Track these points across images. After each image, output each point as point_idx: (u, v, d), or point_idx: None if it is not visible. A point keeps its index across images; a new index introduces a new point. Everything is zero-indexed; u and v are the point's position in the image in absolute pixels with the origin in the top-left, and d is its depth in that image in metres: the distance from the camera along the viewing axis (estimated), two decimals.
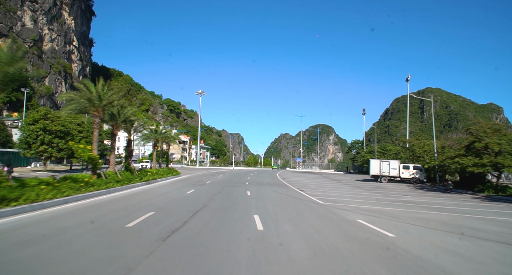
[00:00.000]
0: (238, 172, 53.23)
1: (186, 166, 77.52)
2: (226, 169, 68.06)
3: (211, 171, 51.43)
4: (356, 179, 40.38)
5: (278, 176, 41.65)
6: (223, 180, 28.29)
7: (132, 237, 6.56)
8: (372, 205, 14.11)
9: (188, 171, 47.27)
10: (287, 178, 36.79)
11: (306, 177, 42.54)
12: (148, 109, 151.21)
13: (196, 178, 29.87)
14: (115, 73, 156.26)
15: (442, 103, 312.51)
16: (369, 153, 51.68)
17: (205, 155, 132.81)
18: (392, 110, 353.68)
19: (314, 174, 54.87)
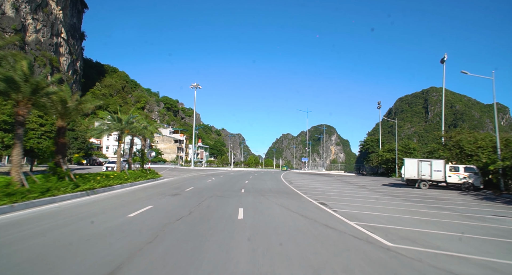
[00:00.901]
0: (236, 173, 45.97)
1: (180, 167, 70.28)
2: (222, 170, 60.82)
3: (204, 173, 44.21)
4: (380, 183, 33.18)
5: (283, 179, 34.45)
6: (211, 186, 21.07)
7: None
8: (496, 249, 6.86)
9: (177, 173, 40.03)
10: (294, 182, 29.66)
11: (317, 180, 35.29)
12: (144, 107, 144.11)
13: (177, 183, 22.62)
14: (110, 69, 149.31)
15: (447, 103, 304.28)
16: (388, 152, 44.34)
17: (203, 155, 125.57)
18: (396, 110, 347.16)
19: (323, 176, 47.68)
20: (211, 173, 45.60)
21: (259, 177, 37.85)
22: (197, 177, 31.77)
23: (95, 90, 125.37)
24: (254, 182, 27.57)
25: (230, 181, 28.13)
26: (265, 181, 29.15)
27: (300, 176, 45.33)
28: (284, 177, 38.94)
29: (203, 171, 51.76)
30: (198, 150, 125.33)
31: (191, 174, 39.90)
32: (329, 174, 56.07)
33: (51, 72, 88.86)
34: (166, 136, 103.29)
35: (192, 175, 35.45)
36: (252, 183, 26.00)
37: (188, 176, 34.06)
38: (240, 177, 36.29)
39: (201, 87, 71.67)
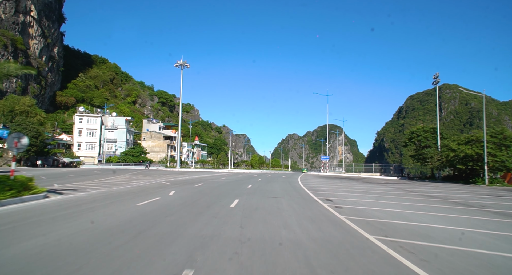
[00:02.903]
0: (229, 179, 30.30)
1: (163, 169, 54.94)
2: (214, 173, 45.09)
3: (180, 178, 28.81)
4: (498, 196, 17.40)
5: (306, 189, 18.63)
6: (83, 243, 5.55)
7: None
8: None
9: (129, 180, 24.73)
10: (339, 198, 13.86)
11: (369, 192, 19.46)
12: (136, 101, 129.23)
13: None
14: (98, 60, 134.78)
15: (461, 100, 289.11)
16: (467, 144, 28.16)
17: (199, 154, 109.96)
18: (407, 108, 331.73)
19: (359, 181, 31.81)
20: (191, 178, 30.06)
21: (264, 186, 22.01)
22: (145, 190, 16.38)
23: (78, 81, 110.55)
24: (252, 205, 11.87)
25: (196, 203, 12.43)
26: (279, 201, 13.30)
27: (330, 181, 29.54)
28: (305, 184, 23.26)
29: (184, 175, 36.17)
30: (194, 149, 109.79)
31: (153, 180, 24.44)
32: (360, 177, 40.02)
33: (13, 55, 74.05)
34: (154, 132, 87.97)
35: (142, 185, 19.99)
36: (246, 212, 10.35)
37: (131, 187, 18.69)
38: (231, 186, 20.62)
39: (189, 65, 56.51)
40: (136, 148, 72.01)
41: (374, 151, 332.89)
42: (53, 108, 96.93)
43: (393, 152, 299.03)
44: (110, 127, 73.81)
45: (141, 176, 31.56)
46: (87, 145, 70.34)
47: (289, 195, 15.62)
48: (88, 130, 71.05)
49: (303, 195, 15.59)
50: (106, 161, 67.15)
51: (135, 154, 69.47)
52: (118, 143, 73.90)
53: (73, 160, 60.90)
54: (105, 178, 26.18)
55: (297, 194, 15.98)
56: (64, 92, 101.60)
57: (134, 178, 27.87)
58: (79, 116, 71.38)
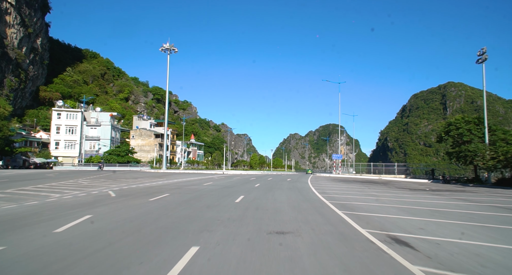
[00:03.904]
0: (217, 185, 22.58)
1: (147, 170, 47.33)
2: (206, 175, 37.46)
3: (150, 184, 21.45)
4: None
5: (334, 207, 10.89)
6: None
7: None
8: None
9: (77, 187, 17.21)
10: (419, 234, 6.24)
11: (445, 212, 11.80)
12: (128, 98, 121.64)
13: None
14: (89, 54, 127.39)
15: (466, 98, 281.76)
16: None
17: (196, 154, 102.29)
18: (411, 107, 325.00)
19: (390, 186, 24.17)
20: (166, 183, 22.57)
21: (263, 200, 14.29)
22: (37, 214, 8.63)
23: (65, 76, 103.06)
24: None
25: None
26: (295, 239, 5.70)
27: (370, 194, 21.95)
28: (349, 208, 15.65)
29: (163, 178, 28.68)
30: (190, 148, 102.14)
31: (99, 189, 16.97)
32: (380, 179, 32.30)
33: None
34: (144, 130, 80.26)
35: (65, 199, 12.28)
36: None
37: (37, 203, 10.91)
38: (210, 200, 13.09)
39: (176, 49, 48.81)
40: (121, 146, 64.34)
41: (377, 151, 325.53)
42: (36, 104, 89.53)
43: (397, 151, 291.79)
44: (93, 123, 66.23)
45: (99, 181, 23.94)
46: (66, 143, 62.67)
47: (311, 225, 7.83)
48: (68, 127, 63.43)
49: (339, 227, 7.76)
50: (86, 161, 59.57)
51: (121, 153, 61.84)
52: (102, 141, 66.25)
53: (47, 160, 53.30)
54: (42, 185, 18.58)
55: (325, 223, 8.17)
56: (49, 87, 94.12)
57: (84, 183, 20.22)
58: (57, 111, 63.70)
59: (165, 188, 17.69)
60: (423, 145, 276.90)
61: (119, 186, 18.57)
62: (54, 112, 63.59)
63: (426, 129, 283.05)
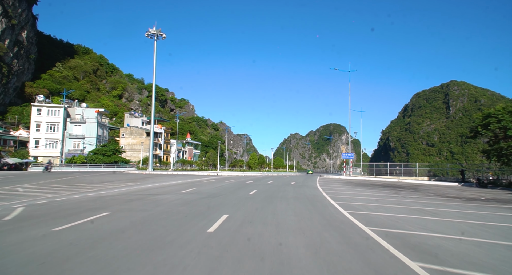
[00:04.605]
0: (200, 192, 17.20)
1: (130, 172, 41.89)
2: (196, 177, 32.10)
3: (110, 191, 15.98)
4: None
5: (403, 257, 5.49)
6: None
7: None
8: None
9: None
10: None
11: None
12: (122, 95, 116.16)
13: None
14: (81, 50, 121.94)
15: (470, 97, 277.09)
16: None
17: (191, 153, 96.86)
18: (413, 106, 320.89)
19: (429, 194, 18.80)
20: (135, 189, 17.46)
21: (258, 226, 8.81)
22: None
23: (54, 71, 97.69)
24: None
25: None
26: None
27: (420, 210, 16.59)
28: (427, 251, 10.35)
29: (138, 181, 23.38)
30: (185, 147, 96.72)
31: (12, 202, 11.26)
32: (418, 185, 26.93)
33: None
34: (136, 128, 74.74)
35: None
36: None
37: None
38: (162, 234, 7.38)
39: (164, 35, 43.35)
40: (108, 145, 58.82)
41: (379, 151, 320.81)
42: (22, 100, 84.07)
43: (399, 151, 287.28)
44: (77, 120, 60.73)
45: (46, 187, 18.56)
46: (46, 142, 57.20)
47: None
48: (49, 124, 57.93)
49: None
50: (68, 161, 54.07)
51: (107, 153, 56.39)
52: (87, 139, 60.78)
53: (23, 160, 47.88)
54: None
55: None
56: (36, 83, 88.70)
57: (18, 191, 14.83)
58: (37, 107, 58.15)
59: (118, 200, 12.26)
60: (425, 144, 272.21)
61: (58, 195, 13.15)
62: (34, 108, 58.03)
63: (428, 129, 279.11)
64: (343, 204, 12.09)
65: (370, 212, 10.32)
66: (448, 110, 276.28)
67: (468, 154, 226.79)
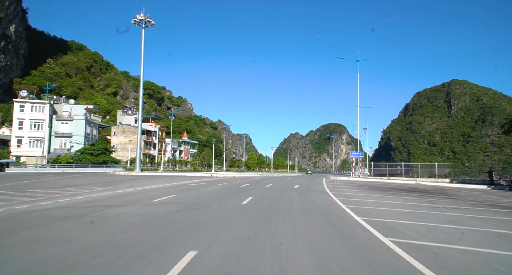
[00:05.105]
0: (161, 209, 13.57)
1: (116, 173, 38.08)
2: (186, 179, 28.37)
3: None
4: None
5: None
6: None
7: None
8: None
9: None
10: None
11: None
12: (117, 93, 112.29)
13: None
14: (75, 46, 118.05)
15: (472, 96, 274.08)
16: None
17: (188, 153, 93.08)
18: (414, 105, 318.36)
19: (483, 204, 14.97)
20: (94, 197, 13.51)
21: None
22: None
23: (45, 67, 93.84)
24: None
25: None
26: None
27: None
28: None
29: (108, 187, 19.60)
30: (181, 147, 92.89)
31: None
32: (446, 189, 23.16)
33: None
34: (128, 126, 70.89)
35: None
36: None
37: None
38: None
39: (153, 22, 39.58)
40: (97, 144, 54.93)
41: (380, 150, 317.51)
42: (9, 97, 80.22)
43: (400, 151, 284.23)
44: (64, 117, 56.83)
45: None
46: (30, 140, 53.32)
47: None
48: (33, 121, 54.07)
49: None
50: (53, 161, 50.16)
51: (95, 152, 52.53)
52: (75, 138, 56.93)
53: (4, 160, 44.07)
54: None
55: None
56: (25, 80, 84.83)
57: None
58: (19, 103, 54.29)
59: (46, 218, 8.45)
60: (427, 144, 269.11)
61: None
62: (16, 104, 54.15)
63: (430, 128, 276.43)
64: (375, 223, 8.27)
65: (430, 242, 6.46)
66: (449, 109, 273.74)
67: (470, 154, 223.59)
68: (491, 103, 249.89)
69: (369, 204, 12.67)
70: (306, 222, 8.31)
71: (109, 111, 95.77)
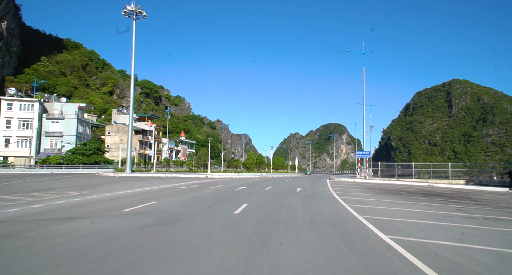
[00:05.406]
0: (127, 223, 10.88)
1: (104, 174, 35.82)
2: (169, 183, 26.11)
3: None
4: None
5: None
6: None
7: None
8: None
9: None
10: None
11: None
12: (113, 92, 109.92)
13: None
14: (71, 44, 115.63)
15: (473, 95, 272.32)
16: None
17: (186, 153, 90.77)
18: (414, 105, 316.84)
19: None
20: (59, 205, 11.06)
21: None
22: None
23: (39, 66, 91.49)
24: None
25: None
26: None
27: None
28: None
29: (87, 190, 17.28)
30: (178, 147, 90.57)
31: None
32: (449, 191, 20.92)
33: None
34: (123, 125, 68.53)
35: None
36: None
37: None
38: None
39: (145, 13, 37.27)
40: (89, 144, 52.59)
41: (380, 150, 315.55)
42: (0, 95, 78.07)
43: (401, 150, 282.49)
44: (55, 116, 54.49)
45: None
46: (18, 140, 50.98)
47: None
48: (21, 120, 51.75)
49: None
50: (42, 162, 47.79)
51: (87, 152, 50.20)
52: (66, 137, 54.60)
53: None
54: None
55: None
56: (18, 78, 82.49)
57: None
58: (7, 101, 51.97)
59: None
60: (427, 144, 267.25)
61: None
62: (4, 102, 51.83)
63: (430, 128, 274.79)
64: (411, 245, 5.96)
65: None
66: (450, 108, 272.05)
67: (471, 154, 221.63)
68: (492, 102, 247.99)
69: (389, 213, 10.36)
70: (316, 245, 6.01)
71: (104, 110, 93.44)
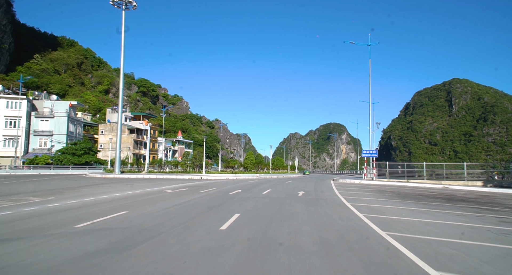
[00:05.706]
0: (60, 255, 8.41)
1: (91, 175, 33.55)
2: (156, 186, 23.91)
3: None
4: None
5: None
6: None
7: None
8: None
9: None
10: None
11: None
12: (109, 90, 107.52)
13: None
14: (66, 42, 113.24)
15: (473, 95, 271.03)
16: None
17: (182, 152, 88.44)
18: (414, 104, 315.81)
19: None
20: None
21: None
22: None
23: (32, 63, 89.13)
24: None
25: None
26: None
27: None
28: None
29: (67, 192, 14.78)
30: (175, 146, 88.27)
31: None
32: (470, 194, 18.66)
33: None
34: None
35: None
36: None
37: None
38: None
39: (135, 3, 35.00)
40: (79, 144, 50.28)
41: (380, 150, 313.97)
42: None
43: (401, 150, 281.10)
44: (45, 114, 52.18)
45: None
46: (5, 139, 48.66)
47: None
48: (8, 118, 49.44)
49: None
50: (29, 162, 45.51)
51: (77, 152, 47.92)
52: (56, 137, 52.30)
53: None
54: None
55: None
56: (10, 75, 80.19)
57: None
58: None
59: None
60: (428, 143, 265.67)
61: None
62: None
63: (431, 127, 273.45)
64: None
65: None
66: (450, 108, 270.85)
67: (472, 153, 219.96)
68: (493, 101, 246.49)
69: (421, 228, 8.08)
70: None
71: (99, 109, 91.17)
